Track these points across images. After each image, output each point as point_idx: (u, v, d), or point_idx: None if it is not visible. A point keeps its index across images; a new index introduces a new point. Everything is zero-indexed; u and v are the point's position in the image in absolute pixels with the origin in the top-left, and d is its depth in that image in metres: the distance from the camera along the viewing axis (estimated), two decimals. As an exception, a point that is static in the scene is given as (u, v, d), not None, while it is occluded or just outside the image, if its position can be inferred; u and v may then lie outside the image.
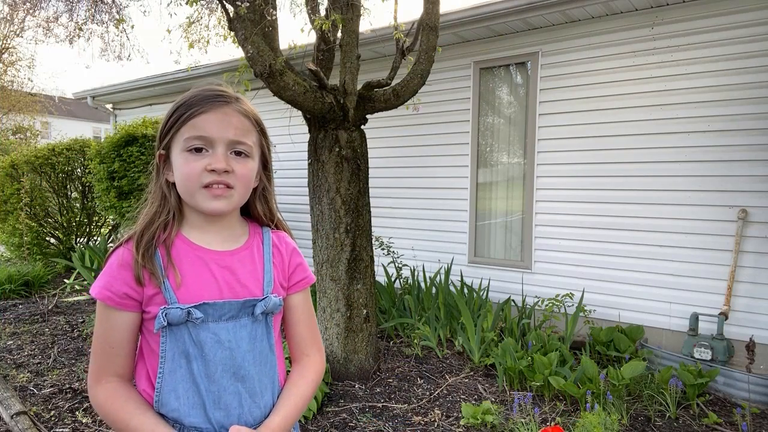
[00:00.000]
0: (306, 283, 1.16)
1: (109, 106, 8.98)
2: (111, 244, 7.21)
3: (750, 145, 3.66)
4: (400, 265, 4.99)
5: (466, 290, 4.46)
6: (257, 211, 1.12)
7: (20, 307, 5.27)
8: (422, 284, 4.79)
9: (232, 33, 3.06)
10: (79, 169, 7.22)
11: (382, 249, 5.01)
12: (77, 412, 2.98)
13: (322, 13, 3.66)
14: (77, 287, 5.82)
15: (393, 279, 4.89)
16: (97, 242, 7.37)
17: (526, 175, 4.68)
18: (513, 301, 4.45)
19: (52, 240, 7.37)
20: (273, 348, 1.07)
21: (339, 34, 3.49)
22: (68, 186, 7.23)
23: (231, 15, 2.98)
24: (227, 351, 1.00)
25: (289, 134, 4.70)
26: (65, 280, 6.11)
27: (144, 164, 4.84)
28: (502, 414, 2.99)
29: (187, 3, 3.27)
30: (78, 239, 7.53)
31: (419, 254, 5.28)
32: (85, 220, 7.49)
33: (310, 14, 3.67)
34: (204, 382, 0.98)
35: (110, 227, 7.91)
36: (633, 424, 2.90)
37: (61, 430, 2.78)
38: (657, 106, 3.99)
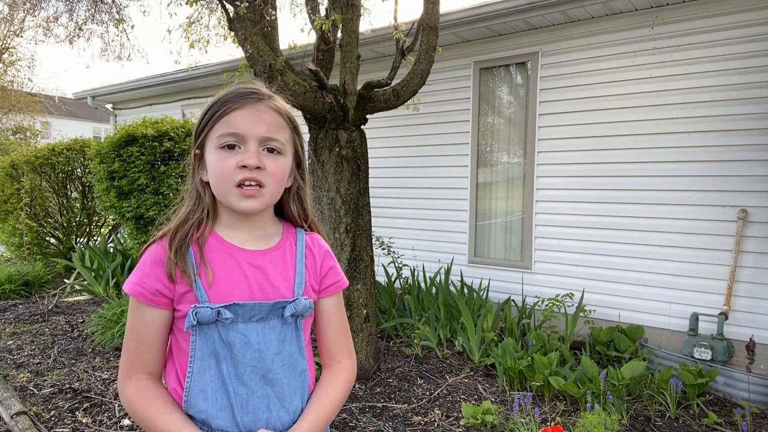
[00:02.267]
0: (338, 286, 1.14)
1: (109, 106, 8.99)
2: (111, 244, 7.22)
3: (750, 145, 3.66)
4: (400, 265, 4.99)
5: (466, 290, 4.46)
6: (291, 211, 1.11)
7: (20, 307, 5.27)
8: (422, 284, 4.79)
9: (232, 33, 3.07)
10: (79, 169, 7.22)
11: (382, 249, 5.01)
12: (77, 412, 2.98)
13: (322, 13, 3.66)
14: (77, 287, 5.82)
15: (393, 279, 4.89)
16: (97, 242, 7.36)
17: (526, 175, 4.68)
18: (513, 301, 4.45)
19: (52, 240, 7.37)
20: (303, 352, 1.05)
21: (339, 34, 3.49)
22: (68, 186, 7.23)
23: (231, 15, 2.98)
24: (256, 353, 0.98)
25: (289, 134, 4.69)
26: (65, 280, 6.11)
27: (144, 164, 4.84)
28: (502, 414, 2.99)
29: (187, 3, 3.27)
30: (78, 239, 7.53)
31: (419, 254, 5.28)
32: (85, 220, 7.49)
33: (310, 14, 3.68)
34: (233, 384, 0.97)
35: (110, 227, 7.91)
36: (633, 424, 2.90)
37: (61, 430, 2.78)
38: (657, 106, 3.99)
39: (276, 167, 1.00)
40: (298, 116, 3.98)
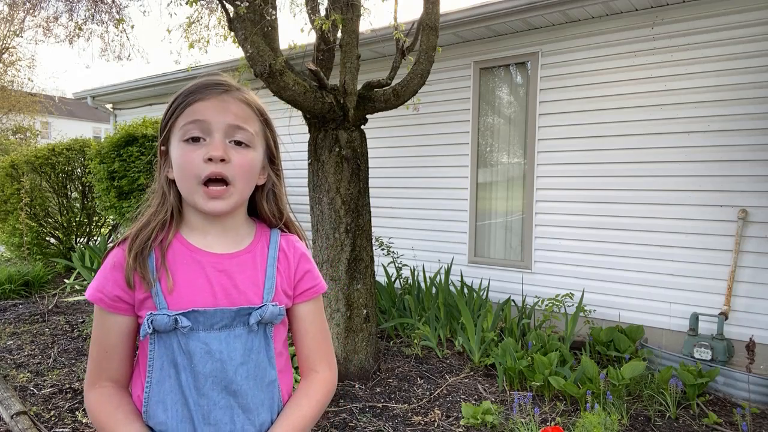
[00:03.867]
0: (315, 292, 1.07)
1: (109, 106, 8.98)
2: (111, 244, 7.21)
3: (750, 145, 3.66)
4: (400, 265, 4.99)
5: (466, 290, 4.46)
6: (265, 210, 1.05)
7: (20, 307, 5.27)
8: (422, 284, 4.79)
9: (232, 33, 3.06)
10: (79, 169, 7.22)
11: (382, 249, 5.01)
12: (77, 412, 2.98)
13: (322, 13, 3.66)
14: (77, 287, 5.82)
15: (393, 279, 4.89)
16: (97, 242, 7.37)
17: (526, 175, 4.68)
18: (513, 301, 4.45)
19: (52, 240, 7.37)
20: (272, 361, 0.99)
21: (339, 34, 3.49)
22: (68, 186, 7.23)
23: (231, 15, 2.98)
24: (218, 363, 0.92)
25: (289, 134, 4.70)
26: (65, 280, 6.11)
27: (144, 164, 4.85)
28: (502, 414, 2.99)
29: (187, 3, 3.27)
30: (78, 239, 7.53)
31: (419, 254, 5.28)
32: (85, 220, 7.49)
33: (310, 14, 3.68)
34: (192, 395, 0.92)
35: (110, 227, 7.91)
36: (633, 424, 2.90)
37: (61, 430, 2.78)
38: (657, 106, 3.99)
39: (244, 160, 0.94)
40: (297, 116, 3.95)
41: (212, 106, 0.93)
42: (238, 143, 0.94)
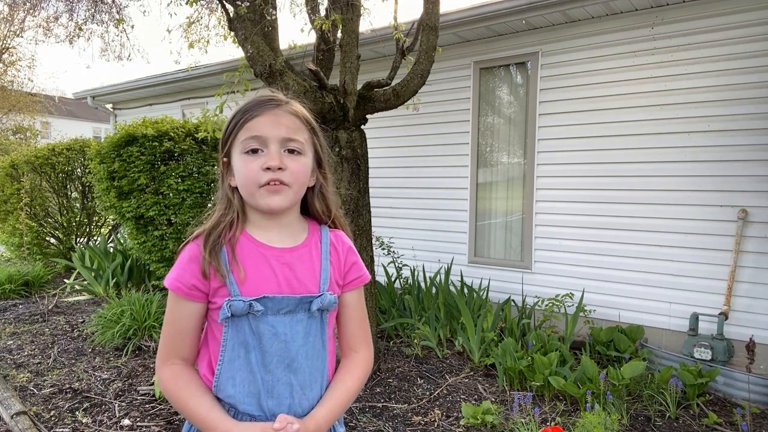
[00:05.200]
0: (361, 281, 1.21)
1: (109, 106, 8.98)
2: (111, 244, 7.21)
3: (750, 145, 3.66)
4: (400, 265, 4.99)
5: (466, 290, 4.46)
6: (316, 209, 1.18)
7: (20, 307, 5.27)
8: (422, 284, 4.79)
9: (232, 33, 3.07)
10: (79, 169, 7.21)
11: (382, 249, 5.01)
12: (77, 412, 2.98)
13: (322, 13, 3.66)
14: (77, 287, 5.81)
15: (393, 279, 4.89)
16: (97, 242, 7.36)
17: (526, 175, 4.68)
18: (513, 301, 4.45)
19: (52, 240, 7.37)
20: (325, 344, 1.13)
21: (339, 34, 3.49)
22: (68, 186, 7.23)
23: (231, 15, 2.98)
24: (282, 343, 1.06)
25: (289, 134, 4.70)
26: (65, 280, 6.11)
27: (144, 164, 4.84)
28: (502, 414, 2.99)
29: (187, 3, 3.28)
30: (78, 239, 7.52)
31: (419, 254, 5.28)
32: (85, 220, 7.49)
33: (310, 14, 3.68)
34: (260, 372, 1.06)
35: (110, 227, 7.91)
36: (633, 424, 2.90)
37: (61, 430, 2.78)
38: (657, 106, 3.99)
39: (297, 166, 1.07)
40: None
41: (267, 121, 1.07)
42: (291, 151, 1.08)
